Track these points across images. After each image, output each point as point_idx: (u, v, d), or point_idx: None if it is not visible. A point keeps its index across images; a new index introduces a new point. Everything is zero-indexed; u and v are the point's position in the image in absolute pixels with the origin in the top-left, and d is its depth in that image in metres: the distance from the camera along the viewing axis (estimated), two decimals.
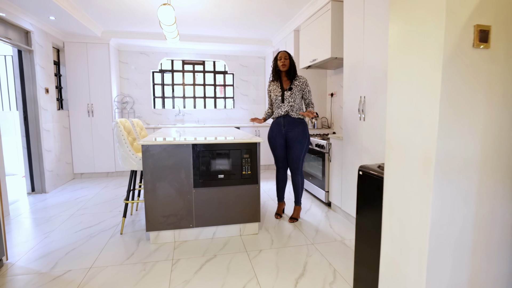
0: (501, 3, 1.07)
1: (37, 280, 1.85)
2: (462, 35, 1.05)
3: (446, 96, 1.06)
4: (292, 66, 2.69)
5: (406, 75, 1.20)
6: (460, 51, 1.05)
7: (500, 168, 1.17)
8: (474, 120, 1.11)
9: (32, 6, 3.13)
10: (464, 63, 1.07)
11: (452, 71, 1.06)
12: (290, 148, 2.73)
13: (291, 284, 1.80)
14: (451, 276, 1.18)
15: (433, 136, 1.09)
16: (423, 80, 1.12)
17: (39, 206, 3.29)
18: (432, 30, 1.07)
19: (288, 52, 2.71)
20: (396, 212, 1.29)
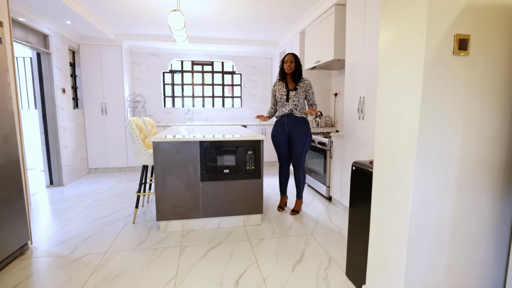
0: (480, 14, 1.18)
1: (59, 262, 2.03)
2: (443, 43, 1.16)
3: (427, 98, 1.18)
4: (297, 69, 2.80)
5: (393, 79, 1.32)
6: (441, 58, 1.17)
7: (477, 164, 1.28)
8: (453, 120, 1.22)
9: (50, 11, 3.33)
10: (445, 68, 1.18)
11: (433, 76, 1.17)
12: (293, 146, 2.86)
13: (289, 268, 1.95)
14: (430, 260, 1.30)
15: (414, 134, 1.21)
16: (407, 83, 1.24)
17: (57, 198, 3.50)
18: (415, 39, 1.19)
19: (295, 55, 2.82)
20: (383, 203, 1.42)
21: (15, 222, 2.06)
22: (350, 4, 2.77)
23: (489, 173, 1.30)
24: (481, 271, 1.38)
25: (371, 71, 2.46)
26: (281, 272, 1.92)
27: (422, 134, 1.20)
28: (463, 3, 1.15)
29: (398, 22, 1.28)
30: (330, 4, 3.14)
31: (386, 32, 1.36)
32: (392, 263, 1.36)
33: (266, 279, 1.84)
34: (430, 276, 1.31)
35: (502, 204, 1.34)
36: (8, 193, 2.00)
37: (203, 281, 1.81)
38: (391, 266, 1.36)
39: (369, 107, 2.50)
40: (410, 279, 1.28)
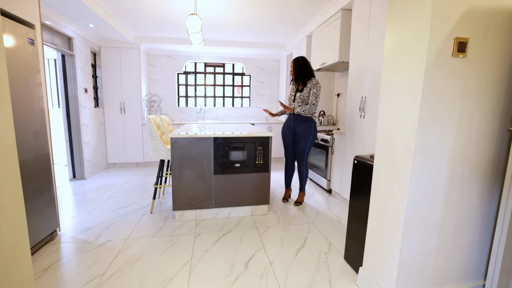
0: (478, 19, 1.24)
1: (85, 247, 2.17)
2: (444, 46, 1.23)
3: (426, 96, 1.25)
4: (297, 72, 2.87)
5: (396, 79, 1.40)
6: (441, 59, 1.24)
7: (468, 158, 1.36)
8: (449, 117, 1.29)
9: (74, 15, 3.47)
10: (444, 69, 1.25)
11: (433, 76, 1.24)
12: (296, 142, 2.97)
13: (293, 253, 2.06)
14: (421, 243, 1.38)
15: (413, 130, 1.29)
16: (409, 83, 1.31)
17: (80, 190, 3.67)
18: (418, 41, 1.25)
19: (295, 60, 2.89)
20: (381, 192, 1.50)
21: (45, 210, 2.19)
22: (356, 9, 2.84)
23: (478, 166, 1.37)
24: (467, 254, 1.46)
25: (374, 73, 2.53)
26: (286, 256, 2.02)
27: (420, 131, 1.27)
28: (464, 8, 1.21)
29: (402, 26, 1.34)
30: (337, 9, 3.21)
31: (391, 35, 1.43)
32: (387, 247, 1.44)
33: (272, 262, 1.94)
34: (420, 257, 1.39)
35: (489, 194, 1.41)
36: (38, 185, 2.13)
37: (216, 264, 1.92)
38: (386, 249, 1.45)
39: (370, 107, 2.57)
40: (403, 261, 1.37)
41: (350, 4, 3.02)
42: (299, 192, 3.16)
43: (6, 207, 1.12)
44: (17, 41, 1.91)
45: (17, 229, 1.18)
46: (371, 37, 2.57)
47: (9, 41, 1.84)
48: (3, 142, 1.11)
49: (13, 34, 1.88)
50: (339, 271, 1.85)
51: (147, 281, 1.73)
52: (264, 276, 1.79)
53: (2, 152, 1.10)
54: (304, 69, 2.87)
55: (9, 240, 1.13)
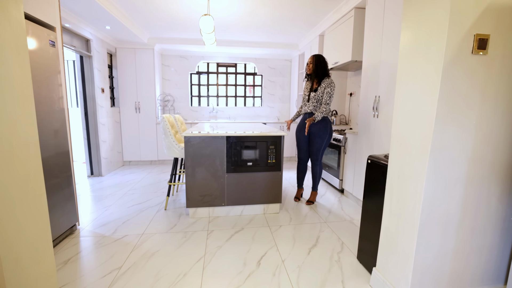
0: (500, 14, 1.18)
1: (103, 241, 2.22)
2: (463, 43, 1.18)
3: (443, 96, 1.21)
4: (317, 69, 2.82)
5: (412, 77, 1.36)
6: (459, 57, 1.19)
7: (488, 159, 1.30)
8: (467, 117, 1.25)
9: (92, 17, 3.55)
10: (463, 67, 1.20)
11: (451, 74, 1.19)
12: (311, 142, 2.93)
13: (305, 251, 2.04)
14: (437, 245, 1.35)
15: (430, 129, 1.25)
16: (426, 81, 1.27)
17: (97, 186, 3.75)
18: (435, 39, 1.21)
19: (317, 56, 2.84)
20: (396, 192, 1.47)
21: (65, 205, 2.25)
22: (369, 7, 2.79)
23: (498, 168, 1.32)
24: (485, 257, 1.41)
25: (388, 71, 2.48)
26: (298, 254, 2.01)
27: (437, 130, 1.23)
28: (484, 4, 1.16)
29: (419, 23, 1.31)
30: (350, 8, 3.16)
31: (407, 33, 1.39)
32: (402, 248, 1.41)
33: (284, 260, 1.93)
34: (436, 259, 1.35)
35: (510, 197, 1.35)
36: (59, 181, 2.19)
37: (229, 261, 1.93)
38: (401, 250, 1.42)
39: (384, 106, 2.52)
40: (418, 262, 1.34)
41: (363, 3, 2.97)
42: (312, 191, 3.12)
43: (30, 202, 1.15)
44: (39, 43, 1.96)
45: (40, 222, 1.22)
46: (385, 35, 2.52)
47: (32, 43, 1.89)
48: (27, 140, 1.14)
49: (35, 37, 1.93)
50: (352, 271, 1.82)
51: (162, 276, 1.76)
52: (277, 274, 1.78)
53: (26, 149, 1.13)
54: (323, 67, 2.84)
55: (33, 233, 1.17)
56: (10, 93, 1.03)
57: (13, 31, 1.05)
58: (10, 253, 1.01)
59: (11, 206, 1.03)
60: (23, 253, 1.09)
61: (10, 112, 1.04)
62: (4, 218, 0.99)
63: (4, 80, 1.01)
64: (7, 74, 1.02)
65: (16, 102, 1.07)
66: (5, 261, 0.98)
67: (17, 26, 1.07)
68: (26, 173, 1.13)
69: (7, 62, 1.02)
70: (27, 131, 1.14)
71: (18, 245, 1.06)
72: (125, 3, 3.35)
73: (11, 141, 1.04)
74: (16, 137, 1.07)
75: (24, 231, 1.10)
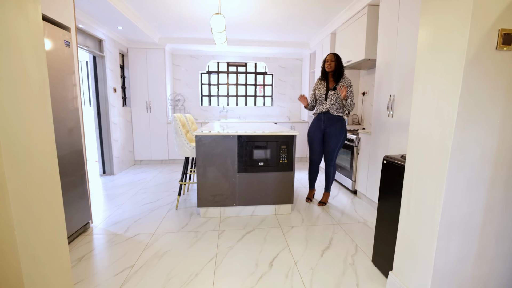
0: None
1: (115, 239, 2.24)
2: (486, 38, 1.13)
3: (465, 94, 1.16)
4: (337, 68, 2.78)
5: (431, 75, 1.31)
6: (483, 53, 1.14)
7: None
8: (491, 116, 1.19)
9: (105, 18, 3.60)
10: (486, 63, 1.15)
11: (473, 71, 1.14)
12: (326, 142, 2.87)
13: (318, 253, 2.02)
14: (459, 249, 1.30)
15: (450, 128, 1.21)
16: (446, 79, 1.22)
17: (109, 185, 3.81)
18: (457, 34, 1.16)
19: (336, 55, 2.81)
20: (414, 194, 1.43)
21: (79, 203, 2.28)
22: (383, 4, 2.74)
23: None
24: (510, 264, 1.35)
25: (403, 70, 2.42)
26: (310, 256, 1.98)
27: (458, 129, 1.19)
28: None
29: (439, 18, 1.26)
30: (363, 5, 3.11)
31: (426, 28, 1.35)
32: (421, 251, 1.37)
33: (297, 262, 1.91)
34: (458, 264, 1.31)
35: None
36: (73, 179, 2.22)
37: (240, 261, 1.92)
38: (419, 254, 1.38)
39: (399, 105, 2.47)
40: (438, 267, 1.29)
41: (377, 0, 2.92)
42: (324, 192, 3.08)
43: (46, 199, 1.17)
44: (54, 43, 2.00)
45: (56, 219, 1.23)
46: (400, 32, 2.47)
47: (48, 43, 1.93)
48: (44, 138, 1.15)
49: (51, 37, 1.97)
50: (367, 274, 1.79)
51: (174, 275, 1.76)
52: (289, 276, 1.76)
53: (43, 147, 1.15)
54: (342, 66, 2.81)
55: (49, 230, 1.18)
56: (28, 92, 1.05)
57: (31, 32, 1.07)
58: (27, 249, 1.03)
59: (29, 203, 1.05)
60: (40, 250, 1.11)
61: (29, 110, 1.06)
62: (23, 215, 1.01)
63: (23, 80, 1.02)
64: (25, 74, 1.03)
65: (34, 101, 1.08)
66: (23, 258, 1.00)
67: (35, 27, 1.09)
68: (43, 171, 1.14)
69: (25, 62, 1.03)
70: (44, 129, 1.15)
71: (35, 242, 1.08)
72: (137, 4, 3.38)
73: (29, 140, 1.05)
74: (34, 135, 1.08)
75: (41, 228, 1.12)
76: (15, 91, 0.98)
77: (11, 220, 0.94)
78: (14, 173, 0.96)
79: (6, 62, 0.94)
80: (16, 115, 0.99)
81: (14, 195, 0.96)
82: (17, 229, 0.96)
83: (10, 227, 0.94)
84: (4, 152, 0.90)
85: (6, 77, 0.93)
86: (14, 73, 0.97)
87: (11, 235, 0.95)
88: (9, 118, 0.95)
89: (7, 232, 0.94)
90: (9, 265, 0.98)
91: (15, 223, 0.95)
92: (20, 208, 0.99)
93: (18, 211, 0.98)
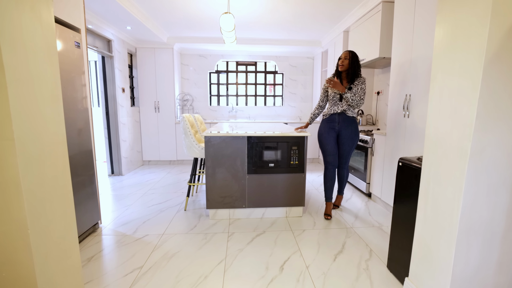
0: None
1: (124, 240, 2.29)
2: (506, 37, 1.11)
3: (485, 94, 1.14)
4: (352, 67, 2.60)
5: (448, 74, 1.30)
6: (503, 52, 1.12)
7: None
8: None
9: (114, 18, 3.67)
10: (507, 63, 1.13)
11: (493, 71, 1.13)
12: (341, 144, 2.74)
13: (331, 258, 2.01)
14: (479, 255, 1.28)
15: (469, 130, 1.19)
16: (464, 79, 1.21)
17: (118, 185, 3.88)
18: (475, 33, 1.15)
19: (353, 52, 2.62)
20: (431, 197, 1.41)
21: (88, 204, 2.34)
22: (399, 0, 2.71)
23: None
24: None
25: (420, 69, 2.39)
26: (323, 261, 1.98)
27: (478, 131, 1.17)
28: None
29: (457, 16, 1.25)
30: (377, 2, 3.08)
31: (442, 27, 1.33)
32: (438, 257, 1.35)
33: (309, 266, 1.91)
34: (478, 271, 1.28)
35: None
36: (82, 179, 2.27)
37: (250, 264, 1.93)
38: (437, 260, 1.36)
39: (416, 105, 2.43)
40: (457, 273, 1.27)
41: None
42: (337, 195, 3.01)
43: (58, 199, 1.20)
44: (65, 44, 2.05)
45: (67, 219, 1.27)
46: (416, 30, 2.44)
47: (58, 45, 1.98)
48: (56, 139, 1.19)
49: (62, 38, 2.02)
50: (382, 280, 1.77)
51: (183, 277, 1.78)
52: (301, 280, 1.76)
53: (55, 148, 1.18)
54: (358, 66, 2.64)
55: (61, 230, 1.22)
56: (41, 94, 1.09)
57: (44, 35, 1.10)
58: (40, 249, 1.06)
59: (42, 204, 1.08)
60: (51, 250, 1.14)
61: (42, 112, 1.09)
62: (36, 215, 1.04)
63: (37, 81, 1.06)
64: (39, 76, 1.07)
65: (47, 103, 1.12)
66: (36, 257, 1.03)
67: (48, 30, 1.13)
68: (55, 171, 1.18)
69: (38, 64, 1.07)
70: (56, 130, 1.19)
71: (47, 241, 1.11)
72: (146, 4, 3.44)
73: (42, 141, 1.09)
74: (47, 136, 1.12)
75: (53, 227, 1.15)
76: (30, 93, 1.02)
77: (25, 220, 0.97)
78: (28, 173, 1.00)
79: (22, 65, 0.97)
80: (30, 116, 1.02)
81: (28, 195, 0.99)
82: (30, 228, 1.00)
83: (24, 226, 0.98)
84: (19, 153, 0.93)
85: (22, 79, 0.97)
86: (29, 75, 1.01)
87: (24, 234, 0.98)
88: (24, 119, 0.98)
89: (21, 231, 0.98)
90: (23, 264, 1.02)
91: (29, 222, 0.98)
92: (34, 208, 1.02)
93: (32, 210, 1.01)
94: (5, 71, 0.87)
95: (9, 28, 0.90)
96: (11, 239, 0.98)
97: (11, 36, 0.91)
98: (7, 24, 0.89)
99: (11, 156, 0.91)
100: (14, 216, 0.96)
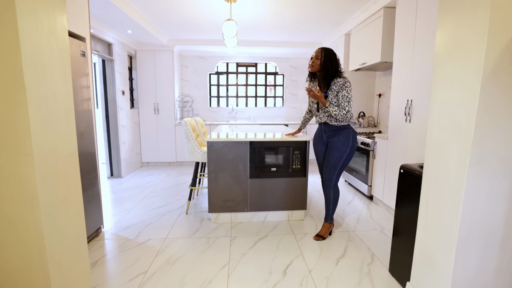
0: None
1: (127, 244, 2.33)
2: (504, 52, 1.16)
3: (483, 107, 1.19)
4: (326, 66, 2.19)
5: (448, 85, 1.35)
6: (501, 67, 1.17)
7: None
8: (509, 131, 1.23)
9: (115, 23, 3.71)
10: (504, 78, 1.18)
11: (491, 85, 1.18)
12: (327, 155, 2.37)
13: (333, 262, 2.07)
14: (479, 262, 1.34)
15: (468, 142, 1.24)
16: (463, 92, 1.26)
17: (117, 188, 3.92)
18: (474, 48, 1.19)
19: (327, 50, 2.22)
20: (432, 205, 1.47)
21: (91, 207, 2.37)
22: (400, 6, 2.77)
23: None
24: None
25: (421, 74, 2.45)
26: (325, 265, 2.04)
27: (476, 143, 1.22)
28: None
29: (456, 31, 1.29)
30: (379, 7, 3.14)
31: (442, 40, 1.38)
32: (439, 263, 1.41)
33: (311, 270, 1.97)
34: (478, 277, 1.34)
35: None
36: (85, 182, 2.29)
37: (253, 269, 1.98)
38: (438, 266, 1.42)
39: (417, 111, 2.50)
40: (457, 279, 1.33)
41: (393, 2, 2.94)
42: (324, 222, 2.47)
43: (70, 208, 1.26)
44: (72, 54, 2.10)
45: (78, 228, 1.32)
46: (417, 36, 2.50)
47: None
48: (68, 150, 1.24)
49: (70, 49, 2.07)
50: (384, 284, 1.83)
51: (187, 282, 1.83)
52: (304, 285, 1.81)
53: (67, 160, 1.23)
54: (335, 67, 2.22)
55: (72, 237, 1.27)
56: (57, 109, 1.14)
57: (59, 51, 1.16)
58: (54, 257, 1.11)
59: (56, 213, 1.13)
60: (64, 257, 1.19)
61: (57, 125, 1.14)
62: (51, 224, 1.09)
63: (53, 98, 1.11)
64: (55, 92, 1.12)
65: (61, 116, 1.17)
66: (51, 265, 1.08)
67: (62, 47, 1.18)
68: (67, 181, 1.23)
69: (54, 81, 1.12)
70: (69, 142, 1.24)
71: (61, 249, 1.16)
72: (146, 8, 3.48)
73: (57, 153, 1.14)
74: (61, 149, 1.17)
75: (66, 235, 1.21)
76: (47, 110, 1.07)
77: (41, 230, 1.02)
78: (44, 186, 1.05)
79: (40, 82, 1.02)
80: (48, 131, 1.07)
81: (45, 207, 1.04)
82: (47, 237, 1.05)
83: (40, 236, 1.03)
84: (37, 167, 0.98)
85: (40, 95, 1.02)
86: (46, 92, 1.06)
87: (41, 244, 1.04)
88: (42, 135, 1.03)
89: (38, 241, 1.03)
90: (38, 272, 1.07)
91: (45, 232, 1.04)
92: (49, 218, 1.08)
93: (48, 220, 1.06)
94: (26, 90, 0.92)
95: (30, 50, 0.96)
96: (29, 248, 1.03)
97: (31, 58, 0.96)
98: (28, 47, 0.94)
99: (30, 170, 0.96)
100: (31, 226, 1.01)
